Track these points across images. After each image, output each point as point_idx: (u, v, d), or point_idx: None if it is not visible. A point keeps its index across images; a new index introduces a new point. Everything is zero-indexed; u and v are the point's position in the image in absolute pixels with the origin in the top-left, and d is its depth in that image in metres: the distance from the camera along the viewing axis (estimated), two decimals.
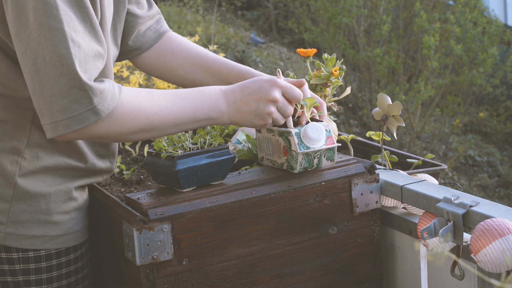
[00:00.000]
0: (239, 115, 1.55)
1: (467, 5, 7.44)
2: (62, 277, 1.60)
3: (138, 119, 1.47)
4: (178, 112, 1.51)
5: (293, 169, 1.61)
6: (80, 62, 1.39)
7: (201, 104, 1.53)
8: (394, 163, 1.97)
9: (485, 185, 7.56)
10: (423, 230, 1.50)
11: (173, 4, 9.88)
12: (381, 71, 7.02)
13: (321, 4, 7.52)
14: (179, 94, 1.53)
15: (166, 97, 1.51)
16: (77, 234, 1.61)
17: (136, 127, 1.48)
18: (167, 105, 1.50)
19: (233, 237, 1.56)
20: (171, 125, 1.51)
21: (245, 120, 1.55)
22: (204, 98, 1.53)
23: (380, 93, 1.84)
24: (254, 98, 1.53)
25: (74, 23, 1.40)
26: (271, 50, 9.52)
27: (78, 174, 1.61)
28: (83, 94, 1.39)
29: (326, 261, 1.66)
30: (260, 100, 1.53)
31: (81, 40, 1.41)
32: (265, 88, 1.53)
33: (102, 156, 1.67)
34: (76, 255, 1.61)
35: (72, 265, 1.61)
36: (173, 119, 1.51)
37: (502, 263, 1.36)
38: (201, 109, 1.52)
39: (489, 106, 9.04)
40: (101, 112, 1.41)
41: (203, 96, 1.54)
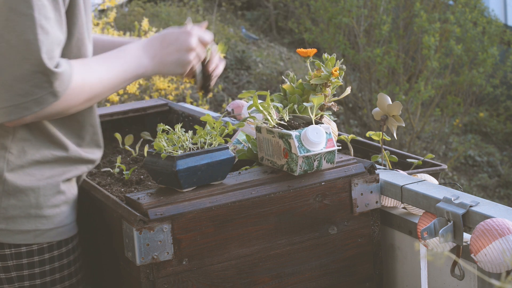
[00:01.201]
0: (161, 66, 1.64)
1: (467, 5, 7.44)
2: (54, 271, 1.61)
3: (83, 91, 1.53)
4: (113, 76, 1.59)
5: (293, 171, 1.61)
6: (47, 49, 1.44)
7: (128, 63, 1.61)
8: (394, 163, 1.97)
9: (485, 185, 7.56)
10: (423, 230, 1.50)
11: (173, 4, 9.88)
12: (381, 71, 7.02)
13: (321, 4, 7.52)
14: (109, 58, 1.61)
15: (101, 64, 1.58)
16: (67, 227, 1.62)
17: (83, 99, 1.54)
18: (104, 71, 1.58)
19: (233, 237, 1.56)
20: (108, 89, 1.59)
21: (167, 70, 1.65)
22: (128, 57, 1.62)
23: (380, 93, 1.84)
24: (175, 48, 1.64)
25: (46, 10, 1.45)
26: (271, 50, 9.52)
27: (64, 165, 1.62)
28: (45, 79, 1.44)
29: (326, 261, 1.66)
30: (181, 50, 1.64)
31: (50, 27, 1.46)
32: (183, 38, 1.64)
33: (81, 145, 1.68)
34: (67, 248, 1.63)
35: (64, 259, 1.62)
36: (110, 84, 1.59)
37: (502, 263, 1.36)
38: (129, 68, 1.61)
39: (489, 106, 9.04)
40: (59, 94, 1.47)
41: (127, 55, 1.62)
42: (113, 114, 2.46)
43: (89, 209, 1.73)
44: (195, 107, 2.52)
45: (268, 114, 1.66)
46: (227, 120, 2.18)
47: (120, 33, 4.91)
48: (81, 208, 1.79)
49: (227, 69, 8.45)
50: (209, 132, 1.61)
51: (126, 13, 9.09)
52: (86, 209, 1.76)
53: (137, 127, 2.52)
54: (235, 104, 2.28)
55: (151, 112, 2.55)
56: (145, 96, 5.09)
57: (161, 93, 4.95)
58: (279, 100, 1.81)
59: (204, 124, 1.66)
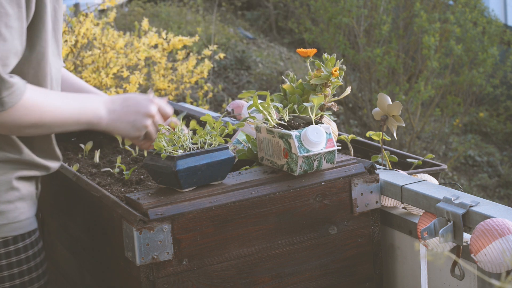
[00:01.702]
0: (117, 123, 1.65)
1: (467, 5, 7.44)
2: (12, 266, 1.62)
3: (34, 114, 1.53)
4: (67, 112, 1.59)
5: (293, 171, 1.61)
6: (2, 55, 1.45)
7: (85, 108, 1.62)
8: (394, 163, 1.97)
9: (485, 185, 7.56)
10: (423, 230, 1.50)
11: (173, 4, 9.88)
12: (381, 71, 7.02)
13: (321, 4, 7.52)
14: (69, 96, 1.62)
15: (58, 97, 1.60)
16: (22, 223, 1.63)
17: (30, 122, 1.54)
18: (60, 104, 1.58)
19: (233, 237, 1.56)
20: (58, 124, 1.59)
21: (122, 129, 1.66)
22: (88, 104, 1.63)
23: (380, 93, 1.84)
24: (134, 110, 1.66)
25: (8, 19, 1.46)
26: (271, 50, 9.52)
27: (17, 166, 1.64)
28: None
29: (326, 261, 1.66)
30: (139, 113, 1.66)
31: (9, 36, 1.46)
32: (144, 103, 1.67)
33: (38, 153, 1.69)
34: (25, 244, 1.64)
35: (22, 254, 1.64)
36: (62, 119, 1.58)
37: (502, 263, 1.36)
38: (85, 113, 1.62)
39: (489, 106, 9.04)
40: (6, 104, 1.47)
41: (88, 101, 1.64)
42: None
43: (89, 209, 1.73)
44: (195, 107, 2.52)
45: (268, 114, 1.66)
46: (227, 120, 2.18)
47: (120, 33, 4.90)
48: (81, 208, 1.79)
49: (227, 69, 8.45)
50: (209, 132, 1.61)
51: (126, 13, 9.09)
52: (86, 209, 1.76)
53: None
54: (235, 104, 2.28)
55: None
56: None
57: (161, 93, 4.95)
58: (279, 100, 1.81)
59: (204, 124, 1.66)
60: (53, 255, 2.09)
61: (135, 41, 4.71)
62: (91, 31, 4.49)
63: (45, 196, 2.06)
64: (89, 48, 4.69)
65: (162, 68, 4.91)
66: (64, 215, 1.94)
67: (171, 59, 5.59)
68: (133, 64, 4.69)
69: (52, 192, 2.01)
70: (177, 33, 7.60)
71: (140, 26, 4.82)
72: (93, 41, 4.62)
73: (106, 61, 4.53)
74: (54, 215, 2.02)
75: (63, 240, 1.98)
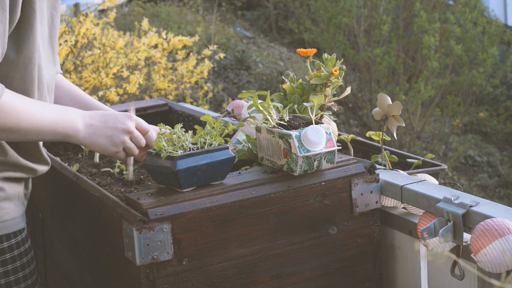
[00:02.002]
0: (94, 137, 1.66)
1: (467, 5, 7.44)
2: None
3: (9, 117, 1.53)
4: (44, 121, 1.58)
5: (293, 171, 1.61)
6: None
7: (63, 119, 1.62)
8: (394, 163, 1.97)
9: (485, 185, 7.56)
10: (423, 230, 1.50)
11: (173, 4, 9.88)
12: (381, 71, 7.02)
13: (321, 4, 7.52)
14: (47, 106, 1.61)
15: (37, 105, 1.59)
16: (7, 223, 1.63)
17: (6, 125, 1.53)
18: (37, 111, 1.57)
19: (233, 237, 1.56)
20: (34, 131, 1.58)
21: (99, 144, 1.67)
22: (66, 115, 1.63)
23: (380, 93, 1.84)
24: (111, 125, 1.67)
25: None
26: (271, 50, 9.52)
27: (2, 167, 1.64)
28: None
29: (326, 261, 1.66)
30: (116, 129, 1.67)
31: None
32: (121, 119, 1.69)
33: (25, 155, 1.69)
34: (10, 244, 1.64)
35: (7, 253, 1.64)
36: (38, 127, 1.58)
37: (502, 263, 1.36)
38: (62, 123, 1.61)
39: (489, 106, 9.05)
40: None
41: (66, 112, 1.64)
42: None
43: (89, 209, 1.73)
44: (195, 107, 2.52)
45: (268, 114, 1.66)
46: (227, 120, 2.18)
47: (120, 33, 4.90)
48: (81, 208, 1.79)
49: (227, 69, 8.45)
50: (209, 132, 1.61)
51: (126, 13, 9.09)
52: (86, 209, 1.76)
53: None
54: (235, 104, 2.28)
55: (151, 112, 2.55)
56: (145, 96, 5.09)
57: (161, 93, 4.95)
58: (279, 100, 1.81)
59: (204, 124, 1.66)
60: (53, 255, 2.09)
61: (135, 41, 4.71)
62: (91, 31, 4.50)
63: (45, 196, 2.06)
64: (89, 48, 4.69)
65: (162, 68, 4.91)
66: (64, 215, 1.94)
67: (171, 59, 5.59)
68: (133, 64, 4.69)
69: (52, 192, 2.01)
70: (177, 33, 7.60)
71: (140, 26, 4.82)
72: (93, 41, 4.62)
73: (106, 61, 4.53)
74: (54, 215, 2.02)
75: (63, 240, 1.98)
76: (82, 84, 4.48)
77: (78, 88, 1.99)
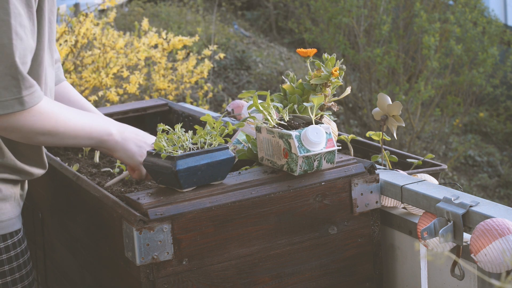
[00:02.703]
0: (126, 143, 1.72)
1: (467, 5, 7.44)
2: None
3: (49, 120, 1.56)
4: (80, 125, 1.64)
5: (293, 171, 1.61)
6: (20, 54, 1.49)
7: (97, 124, 1.68)
8: (394, 163, 1.97)
9: (485, 185, 7.56)
10: (423, 230, 1.50)
11: (173, 4, 9.88)
12: (381, 71, 7.02)
13: (321, 4, 7.52)
14: (81, 112, 1.69)
15: (72, 111, 1.65)
16: (4, 223, 1.64)
17: (45, 129, 1.57)
18: (73, 116, 1.63)
19: (233, 237, 1.56)
20: (71, 135, 1.62)
21: (130, 150, 1.72)
22: (100, 120, 1.70)
23: (380, 93, 1.84)
24: (141, 139, 1.75)
25: (21, 18, 1.50)
26: (271, 50, 9.52)
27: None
28: (15, 83, 1.47)
29: (326, 261, 1.66)
30: (146, 143, 1.74)
31: (24, 35, 1.50)
32: (150, 137, 1.77)
33: (22, 159, 1.70)
34: (6, 244, 1.65)
35: (3, 254, 1.64)
36: (75, 131, 1.63)
37: (502, 263, 1.36)
38: (97, 128, 1.67)
39: (489, 106, 9.05)
40: (26, 103, 1.50)
41: (100, 118, 1.71)
42: (113, 114, 2.46)
43: (89, 209, 1.73)
44: (195, 107, 2.52)
45: (268, 114, 1.66)
46: (227, 120, 2.18)
47: (120, 33, 4.90)
48: (81, 208, 1.79)
49: (227, 69, 8.45)
50: (209, 132, 1.61)
51: (126, 13, 9.09)
52: (86, 209, 1.76)
53: (137, 127, 2.51)
54: (235, 104, 2.28)
55: (151, 112, 2.55)
56: (145, 96, 5.09)
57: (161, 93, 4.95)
58: (279, 100, 1.81)
59: (204, 124, 1.66)
60: (53, 255, 2.09)
61: (135, 41, 4.71)
62: (91, 31, 4.49)
63: (45, 196, 2.06)
64: (89, 48, 4.69)
65: (162, 68, 4.91)
66: (64, 215, 1.94)
67: (171, 59, 5.59)
68: (133, 64, 4.69)
69: (52, 192, 2.01)
70: (177, 33, 7.60)
71: (140, 26, 4.81)
72: (93, 41, 4.62)
73: (106, 61, 4.53)
74: (54, 215, 2.02)
75: (63, 240, 1.98)
76: (82, 84, 4.48)
77: (83, 98, 2.02)
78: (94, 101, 4.39)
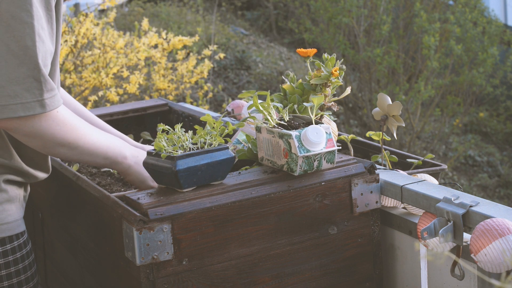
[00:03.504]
0: (139, 167, 1.72)
1: (467, 5, 7.44)
2: (0, 268, 1.63)
3: (71, 132, 1.57)
4: (98, 142, 1.65)
5: (293, 171, 1.61)
6: (42, 57, 1.50)
7: (114, 144, 1.69)
8: (394, 163, 1.97)
9: (485, 185, 7.56)
10: (423, 230, 1.50)
11: (173, 4, 9.88)
12: (381, 71, 7.02)
13: (321, 4, 7.52)
14: (99, 130, 1.69)
15: (92, 128, 1.66)
16: (11, 225, 1.64)
17: (67, 139, 1.57)
18: (93, 132, 1.64)
19: (233, 237, 1.56)
20: (89, 151, 1.63)
21: (143, 174, 1.72)
22: (116, 141, 1.70)
23: (380, 93, 1.84)
24: None
25: (42, 21, 1.51)
26: (271, 50, 9.52)
27: (4, 170, 1.65)
28: (37, 85, 1.48)
29: (326, 261, 1.66)
30: None
31: (45, 37, 1.51)
32: None
33: (28, 162, 1.70)
34: (13, 246, 1.64)
35: (10, 256, 1.64)
36: (93, 147, 1.63)
37: (502, 263, 1.36)
38: (113, 148, 1.68)
39: (489, 106, 9.05)
40: (47, 106, 1.50)
41: (115, 139, 1.71)
42: (113, 114, 2.46)
43: (89, 209, 1.73)
44: (195, 107, 2.52)
45: (268, 114, 1.66)
46: (227, 120, 2.18)
47: (120, 33, 4.90)
48: (81, 208, 1.79)
49: (227, 69, 8.45)
50: (209, 132, 1.61)
51: (126, 13, 9.09)
52: (86, 209, 1.76)
53: (137, 127, 2.52)
54: (235, 104, 2.28)
55: (151, 112, 2.55)
56: (145, 96, 5.09)
57: (161, 93, 4.95)
58: (279, 100, 1.81)
59: (204, 124, 1.66)
60: (53, 255, 2.09)
61: (135, 41, 4.71)
62: (91, 31, 4.49)
63: (45, 196, 2.06)
64: (89, 48, 4.69)
65: (162, 68, 4.91)
66: (64, 215, 1.94)
67: (171, 59, 5.59)
68: (133, 64, 4.69)
69: (52, 192, 2.01)
70: (177, 33, 7.60)
71: (140, 26, 4.81)
72: (93, 41, 4.62)
73: (106, 61, 4.53)
74: (54, 215, 2.02)
75: (63, 240, 1.98)
76: (82, 84, 4.48)
77: (85, 108, 2.02)
78: (94, 101, 4.40)
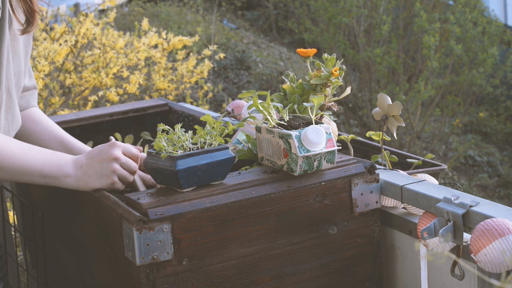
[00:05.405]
0: (86, 178, 1.64)
1: (467, 5, 7.44)
2: None
3: None
4: (28, 162, 1.60)
5: (293, 171, 1.61)
6: None
7: (51, 162, 1.63)
8: (394, 163, 1.97)
9: (485, 185, 7.56)
10: (423, 230, 1.50)
11: (173, 4, 9.88)
12: (381, 71, 7.01)
13: (321, 4, 7.52)
14: (34, 148, 1.64)
15: (21, 146, 1.61)
16: None
17: None
18: (20, 152, 1.60)
19: (233, 237, 1.56)
20: (19, 171, 1.60)
21: (93, 182, 1.64)
22: (55, 159, 1.64)
23: (380, 93, 1.84)
24: (97, 160, 1.65)
25: None
26: (271, 50, 9.51)
27: None
28: None
29: (326, 261, 1.66)
30: (103, 161, 1.64)
31: None
32: (105, 150, 1.65)
33: None
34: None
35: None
36: (22, 167, 1.59)
37: (502, 263, 1.36)
38: (50, 166, 1.62)
39: (489, 106, 9.04)
40: None
41: (55, 156, 1.65)
42: (113, 114, 2.46)
43: (89, 209, 1.73)
44: (195, 107, 2.52)
45: (268, 114, 1.66)
46: (227, 120, 2.18)
47: (120, 33, 4.90)
48: (81, 208, 1.79)
49: (227, 69, 8.45)
50: (209, 132, 1.61)
51: (126, 13, 9.09)
52: (86, 209, 1.76)
53: (137, 127, 2.52)
54: (235, 104, 2.28)
55: (151, 112, 2.55)
56: (145, 96, 5.09)
57: (161, 93, 4.95)
58: (279, 100, 1.81)
59: (204, 124, 1.66)
60: (53, 255, 2.09)
61: (135, 41, 4.71)
62: (91, 31, 4.49)
63: (45, 196, 2.06)
64: (89, 48, 4.69)
65: (162, 68, 4.90)
66: (64, 215, 1.94)
67: (171, 59, 5.59)
68: (133, 64, 4.69)
69: (52, 192, 2.01)
70: (177, 33, 7.60)
71: (140, 26, 4.81)
72: (93, 41, 4.62)
73: (106, 61, 4.53)
74: (54, 215, 2.02)
75: (63, 240, 1.98)
76: (82, 84, 4.48)
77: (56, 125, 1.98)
78: (94, 101, 4.40)
